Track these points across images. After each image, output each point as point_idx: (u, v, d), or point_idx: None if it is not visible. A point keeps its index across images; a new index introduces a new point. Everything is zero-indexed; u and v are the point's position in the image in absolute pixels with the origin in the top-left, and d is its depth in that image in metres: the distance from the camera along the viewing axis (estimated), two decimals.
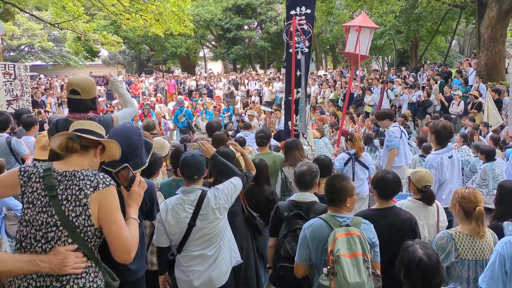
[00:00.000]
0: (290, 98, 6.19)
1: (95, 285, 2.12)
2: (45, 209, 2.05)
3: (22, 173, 2.14)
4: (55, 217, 2.04)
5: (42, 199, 2.06)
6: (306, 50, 5.96)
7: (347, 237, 2.62)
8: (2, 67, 8.51)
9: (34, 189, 2.08)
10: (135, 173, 2.33)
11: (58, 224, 2.04)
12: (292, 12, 6.00)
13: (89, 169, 2.16)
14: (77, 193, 2.06)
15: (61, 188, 2.07)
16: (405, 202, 3.78)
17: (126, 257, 2.11)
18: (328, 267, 2.57)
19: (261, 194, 4.20)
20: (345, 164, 5.73)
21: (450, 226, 4.02)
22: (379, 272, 2.76)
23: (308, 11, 5.90)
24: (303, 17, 5.90)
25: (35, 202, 2.07)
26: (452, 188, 4.57)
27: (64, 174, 2.10)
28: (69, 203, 2.05)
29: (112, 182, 2.15)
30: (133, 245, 2.13)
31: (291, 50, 6.03)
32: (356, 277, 2.52)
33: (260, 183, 4.27)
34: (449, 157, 4.70)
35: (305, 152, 5.37)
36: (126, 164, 2.29)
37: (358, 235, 2.63)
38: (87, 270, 2.11)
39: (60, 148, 2.21)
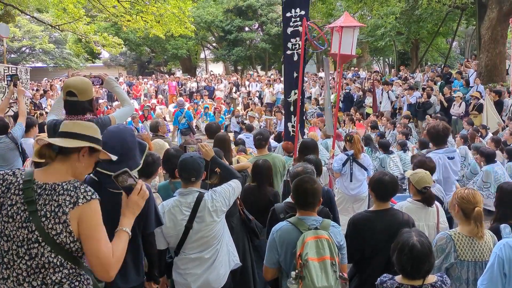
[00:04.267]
0: (289, 99, 6.19)
1: None
2: (25, 224, 1.94)
3: (1, 182, 2.03)
4: (36, 233, 1.94)
5: (21, 214, 1.96)
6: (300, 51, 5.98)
7: (316, 241, 2.61)
8: (6, 69, 8.51)
9: (14, 202, 1.97)
10: (137, 179, 2.15)
11: (40, 240, 1.94)
12: (288, 14, 6.00)
13: (71, 181, 2.02)
14: (56, 209, 1.94)
15: (40, 203, 1.95)
16: (404, 203, 3.77)
17: (105, 276, 1.99)
18: (296, 271, 2.57)
19: (263, 195, 4.18)
20: (343, 164, 5.74)
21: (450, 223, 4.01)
22: (346, 275, 2.80)
23: (303, 12, 5.91)
24: (298, 18, 5.91)
25: (15, 217, 1.96)
26: (455, 189, 4.53)
27: (44, 187, 1.98)
28: (48, 220, 1.94)
29: (94, 196, 2.00)
30: (113, 264, 1.98)
31: (288, 52, 6.04)
32: (323, 281, 2.53)
33: (262, 184, 4.25)
34: (450, 158, 4.64)
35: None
36: (126, 169, 2.14)
37: (326, 239, 2.63)
38: (79, 279, 2.06)
39: (36, 156, 2.10)
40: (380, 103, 14.28)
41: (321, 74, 22.09)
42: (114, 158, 2.27)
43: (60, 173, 2.05)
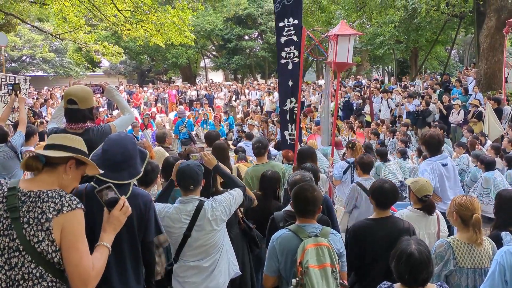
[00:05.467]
0: (284, 108, 6.20)
1: None
2: (6, 232, 1.91)
3: None
4: (17, 241, 1.90)
5: (3, 221, 1.92)
6: (296, 60, 5.96)
7: (316, 248, 2.61)
8: (3, 78, 8.49)
9: None
10: (119, 195, 2.17)
11: (21, 249, 1.90)
12: (281, 24, 5.98)
13: (57, 190, 2.00)
14: (39, 216, 1.90)
15: (23, 210, 1.92)
16: (405, 211, 3.77)
17: None
18: (297, 278, 2.57)
19: (267, 207, 4.13)
20: (344, 172, 5.74)
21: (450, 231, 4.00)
22: (346, 283, 2.80)
23: (296, 21, 5.89)
24: (291, 28, 5.90)
25: None
26: (450, 196, 4.53)
27: (28, 194, 1.96)
28: (31, 227, 1.90)
29: (79, 205, 1.99)
30: (92, 277, 1.95)
31: (282, 61, 6.04)
32: None
33: (267, 196, 4.23)
34: (444, 165, 4.65)
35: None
36: (109, 184, 2.16)
37: (326, 246, 2.63)
38: None
39: (23, 168, 2.08)
40: (380, 111, 14.31)
41: (321, 82, 22.15)
42: (101, 171, 2.27)
43: (46, 183, 2.04)
